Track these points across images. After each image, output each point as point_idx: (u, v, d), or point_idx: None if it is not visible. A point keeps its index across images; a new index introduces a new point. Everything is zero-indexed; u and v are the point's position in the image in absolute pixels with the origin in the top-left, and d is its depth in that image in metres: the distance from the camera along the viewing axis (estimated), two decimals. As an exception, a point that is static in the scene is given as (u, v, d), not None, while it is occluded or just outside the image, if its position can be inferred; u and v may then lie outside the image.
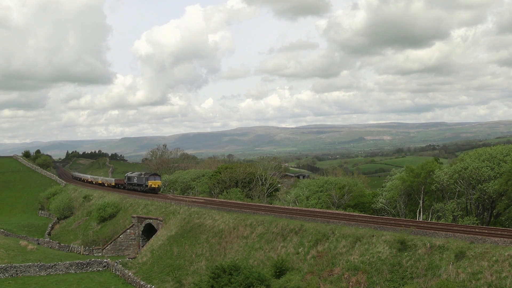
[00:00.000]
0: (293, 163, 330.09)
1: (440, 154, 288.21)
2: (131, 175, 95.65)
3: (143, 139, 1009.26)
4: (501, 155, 59.45)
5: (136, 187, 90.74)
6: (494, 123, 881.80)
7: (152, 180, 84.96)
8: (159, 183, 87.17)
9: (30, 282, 51.01)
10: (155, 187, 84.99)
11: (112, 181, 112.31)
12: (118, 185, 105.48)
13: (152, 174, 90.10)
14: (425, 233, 34.54)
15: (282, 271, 37.50)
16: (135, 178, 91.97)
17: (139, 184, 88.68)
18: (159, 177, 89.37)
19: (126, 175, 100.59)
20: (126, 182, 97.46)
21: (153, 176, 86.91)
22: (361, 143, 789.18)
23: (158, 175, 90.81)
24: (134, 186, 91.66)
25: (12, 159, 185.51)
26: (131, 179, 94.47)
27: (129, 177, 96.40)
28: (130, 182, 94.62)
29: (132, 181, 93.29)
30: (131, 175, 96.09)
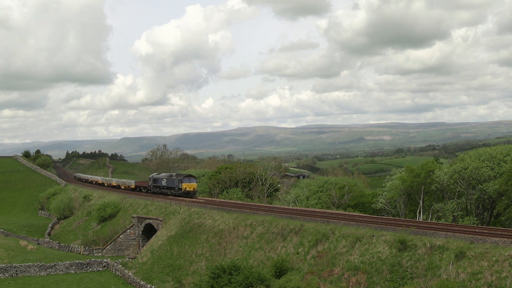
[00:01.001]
0: (293, 163, 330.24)
1: (440, 154, 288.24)
2: (158, 177, 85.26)
3: (143, 139, 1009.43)
4: (501, 155, 59.48)
5: (165, 190, 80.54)
6: (494, 123, 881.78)
7: (186, 183, 74.55)
8: (195, 185, 75.87)
9: (30, 282, 50.99)
10: (190, 191, 73.99)
11: (131, 183, 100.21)
12: (139, 187, 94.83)
13: (186, 175, 78.82)
14: (425, 233, 34.53)
15: (282, 271, 37.49)
16: (164, 180, 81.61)
17: (170, 187, 78.68)
18: (194, 179, 77.97)
19: (151, 176, 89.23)
20: (151, 184, 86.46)
21: (187, 178, 76.16)
22: (361, 143, 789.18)
23: (193, 177, 79.42)
24: (163, 189, 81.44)
25: (12, 159, 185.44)
26: (158, 181, 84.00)
27: (155, 179, 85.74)
28: (156, 184, 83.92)
29: (159, 184, 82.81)
30: (158, 177, 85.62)
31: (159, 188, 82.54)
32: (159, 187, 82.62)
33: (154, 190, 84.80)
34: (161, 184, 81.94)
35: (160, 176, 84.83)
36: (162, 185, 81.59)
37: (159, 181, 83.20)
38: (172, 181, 78.15)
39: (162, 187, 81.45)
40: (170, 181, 78.96)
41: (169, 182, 79.11)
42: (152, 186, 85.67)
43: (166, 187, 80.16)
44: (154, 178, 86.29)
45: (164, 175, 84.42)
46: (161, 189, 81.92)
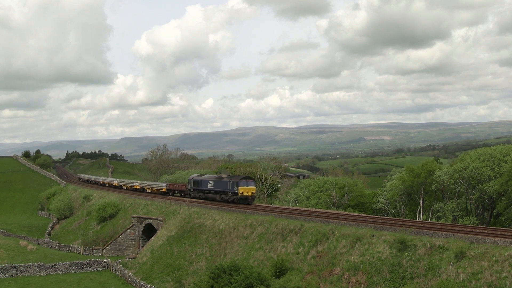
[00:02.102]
0: (293, 163, 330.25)
1: (440, 154, 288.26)
2: (202, 179, 72.14)
3: (143, 139, 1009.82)
4: (501, 155, 59.45)
5: (211, 195, 68.06)
6: (494, 123, 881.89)
7: (244, 186, 61.72)
8: (253, 189, 62.94)
9: (30, 282, 51.02)
10: (248, 196, 61.52)
11: (161, 186, 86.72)
12: (172, 191, 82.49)
13: (243, 177, 64.90)
14: (425, 233, 34.52)
15: (282, 271, 37.48)
16: (211, 182, 68.58)
17: (219, 191, 66.08)
18: (253, 182, 64.78)
19: (190, 178, 76.06)
20: (191, 188, 73.83)
21: (245, 181, 62.87)
22: (361, 143, 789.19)
23: (251, 179, 65.73)
24: (208, 193, 68.90)
25: (12, 159, 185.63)
26: (201, 183, 70.99)
27: (197, 181, 72.57)
28: (199, 188, 71.41)
29: (203, 187, 70.23)
30: (201, 178, 72.52)
31: (203, 193, 70.24)
32: (203, 191, 70.33)
33: (194, 194, 72.60)
34: (206, 188, 69.55)
35: (204, 178, 72.26)
36: (207, 189, 69.16)
37: (203, 183, 70.63)
38: (223, 184, 65.31)
39: (208, 191, 69.04)
40: (220, 184, 66.29)
41: (219, 185, 66.48)
42: (192, 189, 73.39)
43: (213, 191, 67.64)
44: (195, 180, 73.37)
45: (211, 177, 72.21)
46: (205, 193, 69.79)
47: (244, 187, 61.82)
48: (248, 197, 61.62)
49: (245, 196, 61.46)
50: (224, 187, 64.67)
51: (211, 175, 75.70)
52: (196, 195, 71.75)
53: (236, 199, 61.84)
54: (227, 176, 67.47)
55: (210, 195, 68.25)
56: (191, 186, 73.78)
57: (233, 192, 62.46)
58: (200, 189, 70.95)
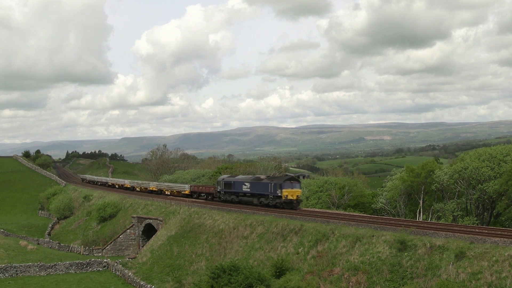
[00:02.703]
0: (293, 163, 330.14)
1: (440, 154, 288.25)
2: (236, 180, 64.04)
3: (143, 139, 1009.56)
4: (501, 155, 59.45)
5: (247, 198, 60.61)
6: (494, 123, 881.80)
7: (288, 189, 54.60)
8: (299, 192, 55.84)
9: (30, 282, 51.03)
10: (293, 200, 54.32)
11: (183, 188, 78.21)
12: (197, 194, 74.18)
13: (287, 178, 57.95)
14: (425, 233, 34.54)
15: (282, 271, 37.49)
16: (247, 184, 60.73)
17: (258, 195, 58.59)
18: (298, 184, 57.54)
19: (220, 179, 68.05)
20: (221, 190, 66.18)
21: (289, 183, 55.59)
22: (361, 143, 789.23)
23: (297, 180, 59.02)
24: (244, 196, 61.44)
25: (12, 159, 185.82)
26: (234, 185, 63.18)
27: (228, 183, 64.91)
28: (232, 190, 63.78)
29: (237, 189, 62.64)
30: (233, 180, 64.51)
31: (237, 196, 62.81)
32: (237, 194, 62.78)
33: (225, 197, 65.11)
34: (240, 190, 61.97)
35: (238, 179, 64.02)
36: (242, 192, 61.55)
37: (236, 185, 62.96)
38: (262, 186, 58.09)
39: (243, 194, 61.54)
40: (258, 186, 58.87)
41: (257, 187, 59.05)
42: (223, 192, 65.70)
43: (250, 194, 60.26)
44: (226, 181, 65.54)
45: (247, 178, 63.32)
46: (239, 196, 62.20)
47: (288, 189, 54.88)
48: (293, 201, 54.56)
49: (289, 200, 54.44)
50: (264, 189, 57.59)
51: (246, 176, 67.44)
52: (227, 198, 64.78)
53: (279, 203, 54.83)
54: (266, 177, 60.72)
55: (245, 199, 61.03)
56: (221, 188, 66.15)
57: (275, 196, 55.39)
58: (233, 192, 63.59)
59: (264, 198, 57.40)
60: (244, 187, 61.31)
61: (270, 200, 56.29)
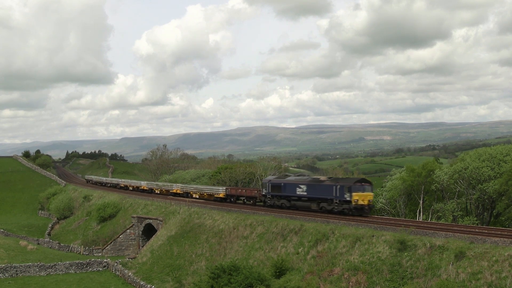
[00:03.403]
0: (293, 163, 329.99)
1: (440, 154, 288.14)
2: (287, 182, 55.77)
3: (143, 139, 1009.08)
4: (501, 155, 59.43)
5: (304, 203, 52.44)
6: (494, 123, 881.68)
7: (359, 192, 46.92)
8: (370, 196, 48.49)
9: (30, 282, 51.05)
10: (364, 205, 46.84)
11: (217, 191, 69.43)
12: (234, 197, 66.52)
13: (357, 180, 50.09)
14: (425, 233, 34.58)
15: (282, 271, 37.51)
16: (303, 187, 52.63)
17: (319, 199, 50.52)
18: (370, 186, 49.65)
19: (266, 180, 59.53)
20: (267, 193, 58.08)
21: (360, 185, 47.89)
22: (361, 143, 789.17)
23: (368, 182, 50.38)
24: (298, 201, 53.47)
25: (12, 159, 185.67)
26: (285, 188, 55.20)
27: (277, 185, 56.68)
28: (281, 193, 55.82)
29: (288, 192, 54.67)
30: (284, 181, 56.17)
31: (289, 200, 54.80)
32: (289, 197, 54.72)
33: (273, 202, 56.94)
34: (293, 194, 53.97)
35: (290, 181, 55.73)
36: (296, 195, 53.55)
37: (288, 188, 54.99)
38: (324, 188, 49.98)
39: (297, 198, 53.42)
40: (318, 189, 50.83)
41: (317, 190, 51.00)
42: (269, 196, 57.65)
43: (307, 198, 52.00)
44: (275, 183, 57.22)
45: (302, 180, 55.22)
46: (292, 201, 54.26)
47: (359, 193, 46.90)
48: (365, 206, 46.91)
49: (360, 206, 46.65)
50: (326, 193, 49.43)
51: (301, 177, 59.10)
52: (275, 203, 56.36)
53: (347, 209, 46.96)
54: (329, 179, 52.56)
55: (300, 203, 52.96)
56: (267, 191, 57.98)
57: (343, 200, 47.39)
58: (283, 196, 55.46)
59: (327, 203, 49.43)
60: (298, 190, 53.18)
61: (335, 206, 48.28)
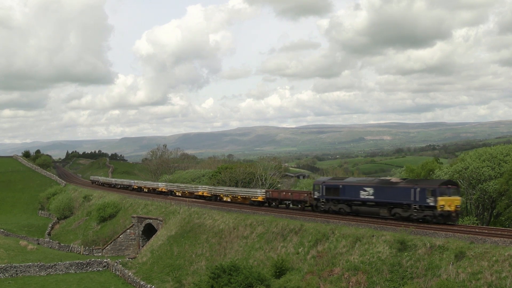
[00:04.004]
0: (293, 163, 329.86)
1: (440, 154, 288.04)
2: (347, 183, 48.55)
3: (143, 139, 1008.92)
4: (502, 155, 59.43)
5: (371, 209, 45.01)
6: (494, 123, 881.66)
7: (445, 196, 39.41)
8: (458, 201, 40.24)
9: (30, 282, 51.03)
10: (450, 212, 39.43)
11: (254, 194, 61.28)
12: (276, 201, 57.80)
13: (443, 182, 41.57)
14: (425, 233, 34.58)
15: (282, 271, 37.51)
16: (367, 189, 45.13)
17: (390, 204, 43.04)
18: (457, 189, 41.35)
19: (319, 182, 52.33)
20: (320, 196, 50.38)
21: (445, 188, 40.06)
22: (361, 143, 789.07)
23: (455, 184, 42.08)
24: (362, 206, 45.88)
25: (12, 159, 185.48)
26: (345, 191, 47.78)
27: (334, 187, 49.20)
28: (340, 197, 48.21)
29: (349, 196, 47.16)
30: (342, 183, 48.91)
31: (349, 205, 47.28)
32: (350, 202, 47.15)
33: (329, 207, 49.39)
34: (355, 197, 46.33)
35: (351, 182, 48.64)
36: (359, 199, 46.01)
37: (348, 191, 47.33)
38: (399, 191, 42.40)
39: (361, 202, 45.89)
40: (390, 192, 43.24)
41: (388, 193, 43.42)
42: (323, 199, 50.10)
43: (374, 202, 44.50)
44: (330, 185, 49.76)
45: (366, 181, 48.61)
46: (354, 205, 46.77)
47: (445, 197, 39.34)
48: (452, 213, 39.48)
49: (447, 212, 39.27)
50: (402, 196, 41.89)
51: (364, 178, 53.29)
52: (332, 208, 48.83)
53: (429, 216, 39.32)
54: (405, 180, 45.07)
55: (365, 209, 45.53)
56: (320, 195, 50.34)
57: (425, 206, 39.76)
58: (343, 200, 47.88)
59: (402, 209, 41.90)
60: (363, 193, 45.48)
61: (414, 212, 40.60)
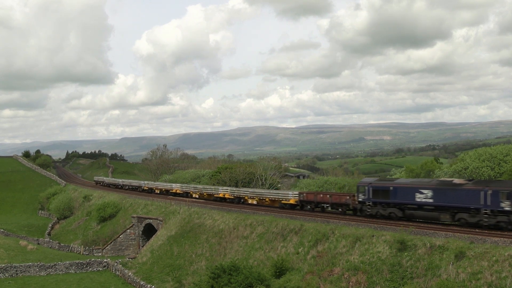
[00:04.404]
0: (293, 163, 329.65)
1: (440, 154, 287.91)
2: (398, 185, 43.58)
3: (143, 139, 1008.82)
4: (501, 155, 59.52)
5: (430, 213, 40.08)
6: (494, 123, 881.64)
7: None
8: None
9: (30, 282, 51.02)
10: None
11: (287, 196, 54.89)
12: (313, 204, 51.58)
13: None
14: (425, 233, 34.59)
15: (282, 271, 37.51)
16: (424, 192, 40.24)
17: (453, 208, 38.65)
18: None
19: (365, 183, 46.91)
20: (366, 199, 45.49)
21: None
22: (361, 143, 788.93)
23: None
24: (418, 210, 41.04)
25: (12, 159, 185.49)
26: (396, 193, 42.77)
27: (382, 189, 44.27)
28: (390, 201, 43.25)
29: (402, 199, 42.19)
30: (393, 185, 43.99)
31: (401, 209, 42.38)
32: (403, 205, 42.26)
33: (377, 211, 44.23)
34: (409, 201, 41.45)
35: (405, 184, 43.64)
36: (414, 203, 41.08)
37: (401, 193, 42.38)
38: (464, 194, 37.81)
39: (417, 206, 41.00)
40: (453, 195, 38.53)
41: (450, 196, 38.67)
42: (370, 203, 45.01)
43: (433, 206, 39.63)
44: (378, 187, 44.81)
45: (425, 182, 42.63)
46: (408, 210, 41.84)
47: None
48: None
49: None
50: (469, 200, 37.48)
51: (419, 180, 48.56)
52: (380, 212, 43.90)
53: (505, 222, 35.33)
54: (471, 181, 39.97)
55: (422, 214, 40.78)
56: (366, 197, 45.42)
57: (498, 211, 35.69)
58: (394, 203, 42.89)
59: (469, 214, 37.53)
60: (419, 196, 40.85)
61: (484, 218, 36.41)
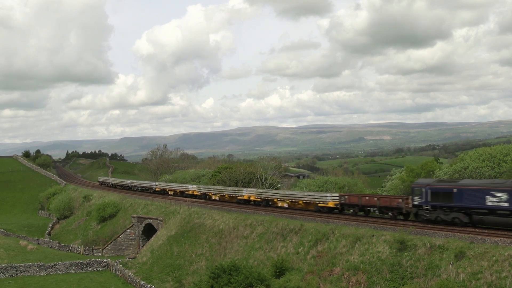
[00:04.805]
0: (293, 163, 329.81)
1: (440, 154, 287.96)
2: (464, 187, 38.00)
3: (143, 139, 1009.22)
4: (501, 155, 59.50)
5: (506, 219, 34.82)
6: (494, 123, 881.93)
7: None
8: None
9: (30, 282, 51.02)
10: None
11: (325, 198, 49.86)
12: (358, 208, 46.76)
13: None
14: (425, 233, 34.58)
15: (282, 271, 37.50)
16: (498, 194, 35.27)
17: None
18: None
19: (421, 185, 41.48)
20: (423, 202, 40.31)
21: None
22: (361, 143, 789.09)
23: None
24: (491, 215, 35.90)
25: (12, 159, 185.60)
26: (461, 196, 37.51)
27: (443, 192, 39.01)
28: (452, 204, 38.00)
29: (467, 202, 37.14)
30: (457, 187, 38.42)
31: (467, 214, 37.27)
32: (469, 210, 37.05)
33: (437, 215, 39.08)
34: (479, 205, 36.18)
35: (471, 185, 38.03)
36: (484, 207, 35.93)
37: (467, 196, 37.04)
38: None
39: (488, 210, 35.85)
40: None
41: None
42: (429, 206, 39.79)
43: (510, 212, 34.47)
44: (437, 189, 39.62)
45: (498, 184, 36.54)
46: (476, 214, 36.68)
47: None
48: None
49: None
50: None
51: (489, 180, 41.23)
52: (441, 217, 38.82)
53: None
54: None
55: (494, 219, 35.65)
56: (423, 201, 40.30)
57: None
58: (458, 207, 37.83)
59: None
60: (490, 199, 35.81)
61: None
